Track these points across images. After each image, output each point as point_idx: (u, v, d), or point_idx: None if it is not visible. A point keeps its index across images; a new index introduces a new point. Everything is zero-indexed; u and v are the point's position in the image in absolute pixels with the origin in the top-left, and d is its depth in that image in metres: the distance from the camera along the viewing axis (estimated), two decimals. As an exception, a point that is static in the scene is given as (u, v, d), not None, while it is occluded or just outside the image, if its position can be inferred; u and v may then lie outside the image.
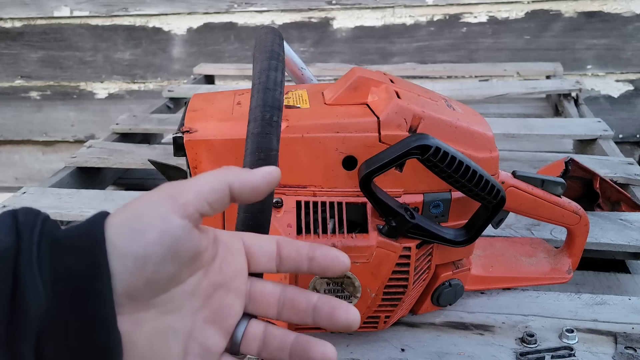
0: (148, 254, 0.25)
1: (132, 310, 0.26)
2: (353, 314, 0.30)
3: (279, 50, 0.40)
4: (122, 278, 0.25)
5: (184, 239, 0.26)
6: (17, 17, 1.77)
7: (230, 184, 0.28)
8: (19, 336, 0.23)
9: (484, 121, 0.50)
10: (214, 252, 0.29)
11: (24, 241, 0.24)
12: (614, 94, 1.63)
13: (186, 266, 0.27)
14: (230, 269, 0.30)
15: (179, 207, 0.26)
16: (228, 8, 1.68)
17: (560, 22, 1.58)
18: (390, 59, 1.68)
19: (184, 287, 0.28)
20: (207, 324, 0.29)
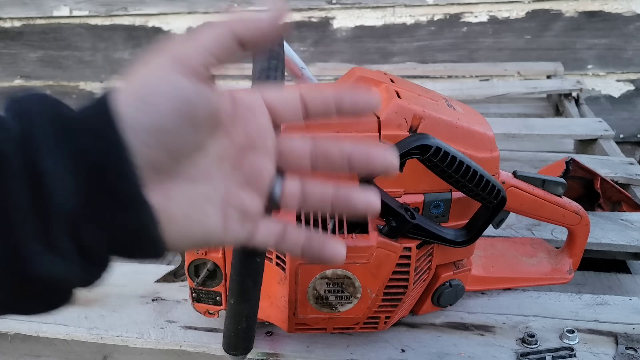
0: (161, 123, 0.24)
1: (160, 182, 0.25)
2: (391, 157, 0.29)
3: (278, 49, 0.40)
4: (141, 151, 0.24)
5: (197, 101, 0.25)
6: (17, 17, 1.77)
7: (235, 29, 0.27)
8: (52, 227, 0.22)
9: (485, 121, 0.49)
10: (233, 112, 0.28)
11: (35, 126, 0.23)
12: (615, 94, 1.63)
13: (205, 129, 0.26)
14: (255, 129, 0.28)
15: (186, 67, 0.25)
16: (228, 8, 1.67)
17: (560, 22, 1.58)
18: (390, 58, 1.67)
19: (209, 153, 0.27)
20: (241, 187, 0.28)
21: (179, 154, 0.25)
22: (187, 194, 0.26)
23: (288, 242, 0.29)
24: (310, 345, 0.50)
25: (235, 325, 0.39)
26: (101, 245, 0.24)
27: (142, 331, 0.53)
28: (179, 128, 0.25)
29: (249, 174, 0.28)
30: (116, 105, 0.24)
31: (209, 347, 0.51)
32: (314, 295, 0.45)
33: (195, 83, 0.25)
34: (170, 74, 0.25)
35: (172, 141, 0.25)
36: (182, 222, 0.26)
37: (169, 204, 0.25)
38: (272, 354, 0.49)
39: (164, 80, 0.25)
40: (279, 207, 0.29)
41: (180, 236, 0.26)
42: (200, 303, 0.49)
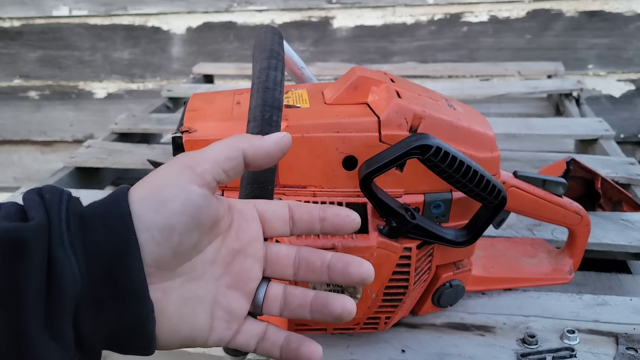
0: (173, 224, 0.26)
1: (161, 280, 0.27)
2: (367, 268, 0.31)
3: (278, 49, 0.40)
4: (150, 249, 0.26)
5: (205, 207, 0.27)
6: (16, 17, 1.77)
7: (244, 150, 0.29)
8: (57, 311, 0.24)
9: (485, 121, 0.49)
10: (229, 219, 0.30)
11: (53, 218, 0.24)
12: (616, 94, 1.63)
13: (207, 234, 0.28)
14: (247, 235, 0.31)
15: (197, 176, 0.27)
16: (227, 7, 1.67)
17: (561, 22, 1.58)
18: (390, 58, 1.67)
19: (205, 255, 0.29)
20: (229, 289, 0.30)
21: (182, 254, 0.27)
22: (181, 292, 0.28)
23: (267, 343, 0.31)
24: (310, 345, 0.50)
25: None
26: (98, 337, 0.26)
27: (142, 331, 0.53)
28: (187, 230, 0.27)
29: (238, 277, 0.30)
30: (132, 204, 0.26)
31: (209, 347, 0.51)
32: (313, 296, 0.45)
33: (205, 192, 0.27)
34: (184, 181, 0.27)
35: (180, 241, 0.27)
36: (174, 319, 0.28)
37: (164, 301, 0.27)
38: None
39: (178, 186, 0.27)
40: (261, 310, 0.32)
41: (170, 333, 0.28)
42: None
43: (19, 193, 0.81)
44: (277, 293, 0.32)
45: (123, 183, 1.11)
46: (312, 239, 0.43)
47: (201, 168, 0.28)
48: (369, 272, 0.31)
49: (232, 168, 0.29)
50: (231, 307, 0.30)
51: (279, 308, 0.32)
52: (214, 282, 0.30)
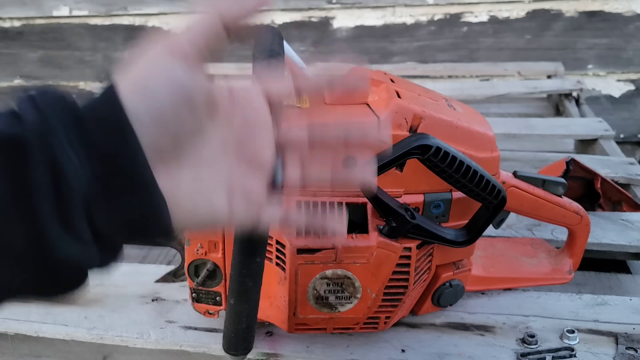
0: (161, 109, 0.26)
1: (167, 168, 0.27)
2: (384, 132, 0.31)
3: (278, 49, 0.40)
4: (146, 138, 0.25)
5: (191, 85, 0.27)
6: (16, 17, 1.77)
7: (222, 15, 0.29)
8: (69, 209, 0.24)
9: (485, 121, 0.49)
10: (232, 101, 0.30)
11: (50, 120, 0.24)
12: (615, 94, 1.63)
13: (203, 114, 0.28)
14: (254, 116, 0.30)
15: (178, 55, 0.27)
16: (228, 7, 1.67)
17: (561, 22, 1.58)
18: (390, 58, 1.67)
19: (211, 142, 0.28)
20: (244, 171, 0.30)
21: (180, 139, 0.27)
22: (193, 179, 0.28)
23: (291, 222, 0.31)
24: (310, 345, 0.50)
25: (235, 326, 0.39)
26: (115, 229, 0.26)
27: (142, 331, 0.53)
28: (178, 113, 0.26)
29: (251, 159, 0.30)
30: (120, 95, 0.26)
31: (209, 347, 0.51)
32: (314, 295, 0.45)
33: (190, 70, 0.27)
34: (165, 62, 0.27)
35: (173, 126, 0.26)
36: (189, 204, 0.28)
37: (176, 188, 0.27)
38: (272, 354, 0.49)
39: (160, 69, 0.26)
40: (282, 189, 0.31)
41: (187, 218, 0.28)
42: (200, 303, 0.49)
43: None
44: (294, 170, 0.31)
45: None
46: (312, 238, 0.43)
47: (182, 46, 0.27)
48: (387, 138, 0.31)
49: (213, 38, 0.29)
50: (249, 189, 0.30)
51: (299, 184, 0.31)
52: (227, 165, 0.29)
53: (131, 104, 0.25)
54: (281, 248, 0.44)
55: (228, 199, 0.29)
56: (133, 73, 0.27)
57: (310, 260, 0.43)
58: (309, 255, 0.43)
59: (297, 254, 0.43)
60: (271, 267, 0.45)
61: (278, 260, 0.44)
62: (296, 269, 0.43)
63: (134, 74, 0.27)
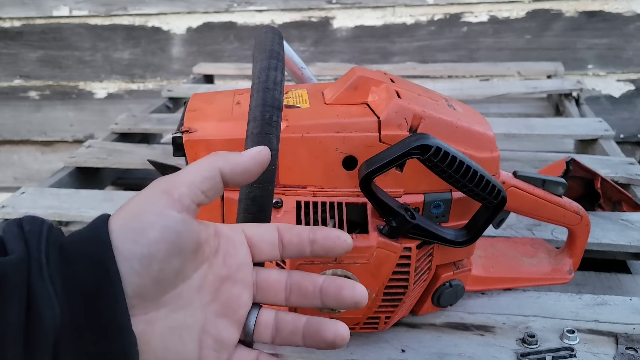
0: (152, 252, 0.25)
1: (144, 310, 0.26)
2: (360, 291, 0.30)
3: (278, 49, 0.40)
4: (131, 280, 0.25)
5: (185, 232, 0.26)
6: (16, 17, 1.77)
7: (221, 169, 0.28)
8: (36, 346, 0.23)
9: (485, 121, 0.49)
10: (215, 245, 0.29)
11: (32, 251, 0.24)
12: (615, 94, 1.63)
13: (190, 260, 0.27)
14: (235, 261, 0.30)
15: (175, 201, 0.26)
16: (227, 7, 1.67)
17: (561, 22, 1.58)
18: (390, 58, 1.67)
19: (191, 282, 0.28)
20: (218, 317, 0.29)
21: (165, 282, 0.26)
22: (167, 322, 0.27)
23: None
24: (310, 345, 0.50)
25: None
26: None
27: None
28: (167, 257, 0.26)
29: (227, 305, 0.29)
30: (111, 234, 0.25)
31: (208, 348, 0.51)
32: (313, 296, 0.45)
33: (184, 216, 0.26)
34: (162, 207, 0.26)
35: (160, 269, 0.26)
36: (160, 350, 0.27)
37: (148, 332, 0.26)
38: (272, 354, 0.49)
39: (156, 213, 0.26)
40: (252, 338, 0.31)
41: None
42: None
43: (19, 193, 0.81)
44: (268, 320, 0.31)
45: (123, 183, 1.12)
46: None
47: (178, 192, 0.27)
48: (362, 295, 0.30)
49: (210, 188, 0.28)
50: (221, 336, 0.29)
51: (271, 335, 0.31)
52: (202, 310, 0.29)
53: (122, 244, 0.25)
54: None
55: (199, 344, 0.28)
56: (127, 211, 0.26)
57: (310, 261, 0.43)
58: (309, 256, 0.43)
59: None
60: (271, 267, 0.45)
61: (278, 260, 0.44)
62: (296, 269, 0.43)
63: (128, 212, 0.26)
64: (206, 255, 0.29)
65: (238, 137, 0.42)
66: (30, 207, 0.77)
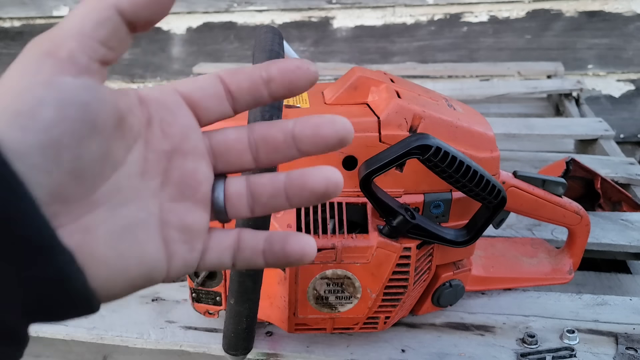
0: (54, 138, 0.19)
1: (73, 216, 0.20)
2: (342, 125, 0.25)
3: (278, 49, 0.40)
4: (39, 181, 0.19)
5: (93, 101, 0.20)
6: (17, 17, 1.77)
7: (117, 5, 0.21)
8: None
9: (485, 121, 0.49)
10: (145, 115, 0.23)
11: None
12: (615, 94, 1.63)
13: (115, 139, 0.21)
14: (176, 129, 0.24)
15: (64, 62, 0.20)
16: (227, 7, 1.67)
17: (561, 22, 1.58)
18: (390, 58, 1.67)
19: (128, 168, 0.22)
20: (175, 201, 0.23)
21: (89, 174, 0.20)
22: (113, 224, 0.21)
23: (246, 251, 0.25)
24: (310, 345, 0.50)
25: (235, 326, 0.39)
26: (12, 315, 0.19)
27: (142, 331, 0.53)
28: (79, 141, 0.20)
29: (182, 184, 0.24)
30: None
31: (209, 347, 0.51)
32: (314, 296, 0.45)
33: (85, 81, 0.20)
34: (50, 74, 0.19)
35: (75, 159, 0.20)
36: (112, 259, 0.21)
37: (90, 242, 0.20)
38: (272, 354, 0.49)
39: (44, 84, 0.19)
40: (226, 215, 0.25)
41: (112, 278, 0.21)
42: (200, 303, 0.49)
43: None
44: (239, 189, 0.25)
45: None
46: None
47: (67, 49, 0.20)
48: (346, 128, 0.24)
49: (110, 35, 0.21)
50: (186, 223, 0.23)
51: (248, 205, 0.25)
52: (153, 198, 0.23)
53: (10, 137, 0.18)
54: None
55: (162, 239, 0.23)
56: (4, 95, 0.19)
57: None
58: (309, 255, 0.43)
59: None
60: (271, 267, 0.45)
61: (278, 260, 0.44)
62: (296, 269, 0.43)
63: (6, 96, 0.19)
64: (136, 129, 0.22)
65: (238, 137, 0.42)
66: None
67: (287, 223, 0.43)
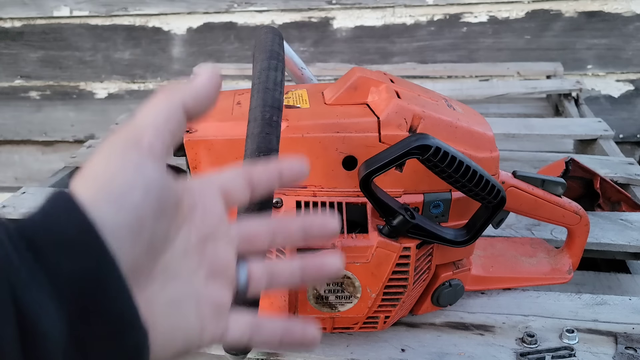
0: (141, 216, 0.22)
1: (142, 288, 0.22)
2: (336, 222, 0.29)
3: (278, 50, 0.40)
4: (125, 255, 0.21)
5: (167, 186, 0.23)
6: (17, 17, 1.77)
7: (183, 101, 0.25)
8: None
9: (484, 121, 0.50)
10: (191, 201, 0.26)
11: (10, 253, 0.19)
12: (615, 94, 1.63)
13: (173, 218, 0.24)
14: (213, 216, 0.27)
15: (146, 150, 0.23)
16: (228, 8, 1.67)
17: (560, 22, 1.58)
18: (390, 58, 1.67)
19: (176, 247, 0.25)
20: (209, 279, 0.26)
21: (155, 249, 0.23)
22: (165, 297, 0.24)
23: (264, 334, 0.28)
24: (310, 344, 0.50)
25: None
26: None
27: (143, 331, 0.53)
28: (156, 219, 0.22)
29: (215, 265, 0.26)
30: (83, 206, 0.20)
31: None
32: (314, 295, 0.45)
33: (161, 167, 0.23)
34: (136, 160, 0.22)
35: (151, 234, 0.22)
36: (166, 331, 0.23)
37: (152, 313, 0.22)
38: (272, 353, 0.50)
39: (132, 168, 0.22)
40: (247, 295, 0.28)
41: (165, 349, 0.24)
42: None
43: (20, 193, 0.81)
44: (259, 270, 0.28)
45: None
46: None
47: (147, 140, 0.23)
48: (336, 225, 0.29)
49: (176, 126, 0.25)
50: (216, 300, 0.26)
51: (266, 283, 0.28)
52: (192, 276, 0.25)
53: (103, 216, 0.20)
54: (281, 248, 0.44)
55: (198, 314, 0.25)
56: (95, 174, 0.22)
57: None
58: (309, 255, 0.43)
59: (296, 254, 0.43)
60: (271, 267, 0.45)
61: (278, 260, 0.45)
62: (296, 268, 0.43)
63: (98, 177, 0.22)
64: (185, 213, 0.25)
65: (238, 137, 0.42)
66: (31, 207, 0.77)
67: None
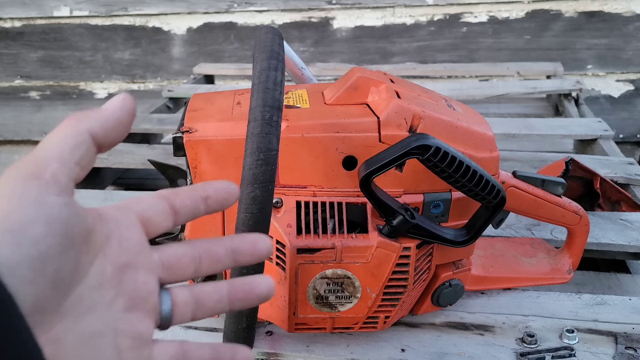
0: (42, 251, 0.21)
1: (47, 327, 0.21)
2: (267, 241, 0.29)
3: (278, 50, 0.40)
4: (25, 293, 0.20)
5: (72, 218, 0.22)
6: (17, 17, 1.77)
7: (90, 130, 0.24)
8: None
9: (484, 121, 0.50)
10: (105, 230, 0.25)
11: None
12: (615, 94, 1.63)
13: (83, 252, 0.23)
14: (131, 244, 0.26)
15: (49, 183, 0.22)
16: (228, 8, 1.68)
17: (560, 22, 1.58)
18: (390, 58, 1.68)
19: (89, 279, 0.23)
20: (128, 311, 0.25)
21: (63, 285, 0.22)
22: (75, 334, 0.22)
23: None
24: (310, 344, 0.50)
25: (235, 325, 0.39)
26: None
27: (143, 331, 0.53)
28: (61, 254, 0.21)
29: (134, 295, 0.25)
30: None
31: (209, 347, 0.51)
32: (314, 295, 0.45)
33: (66, 199, 0.22)
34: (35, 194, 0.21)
35: (57, 271, 0.21)
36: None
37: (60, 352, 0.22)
38: (272, 353, 0.50)
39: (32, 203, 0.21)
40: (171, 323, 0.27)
41: None
42: (200, 303, 0.49)
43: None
44: (185, 298, 0.27)
45: (124, 183, 1.12)
46: (311, 237, 0.43)
47: (50, 171, 0.22)
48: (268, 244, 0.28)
49: (83, 157, 0.24)
50: (137, 331, 0.25)
51: (192, 312, 0.27)
52: (108, 309, 0.24)
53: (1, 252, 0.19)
54: (281, 248, 0.44)
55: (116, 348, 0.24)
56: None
57: (310, 260, 0.43)
58: (309, 255, 0.43)
59: (297, 254, 0.43)
60: (271, 267, 0.45)
61: (278, 260, 0.45)
62: (296, 268, 0.43)
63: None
64: (98, 244, 0.24)
65: (238, 137, 0.42)
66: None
67: (287, 223, 0.43)
